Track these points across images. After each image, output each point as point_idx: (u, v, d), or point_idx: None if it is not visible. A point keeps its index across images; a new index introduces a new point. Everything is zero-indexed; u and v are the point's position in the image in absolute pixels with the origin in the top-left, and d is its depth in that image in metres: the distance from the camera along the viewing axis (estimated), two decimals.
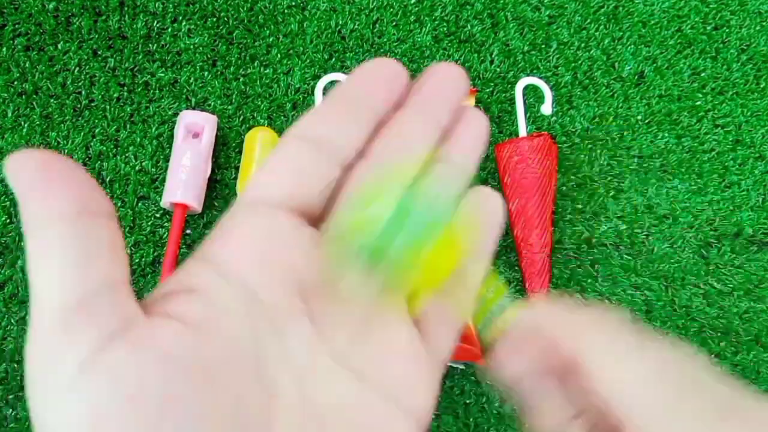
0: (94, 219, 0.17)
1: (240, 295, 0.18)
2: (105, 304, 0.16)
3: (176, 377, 0.16)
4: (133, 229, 0.48)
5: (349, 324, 0.20)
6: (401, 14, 0.53)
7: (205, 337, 0.17)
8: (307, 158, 0.21)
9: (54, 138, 0.49)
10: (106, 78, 0.50)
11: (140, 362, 0.16)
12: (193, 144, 0.47)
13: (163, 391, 0.16)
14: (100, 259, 0.17)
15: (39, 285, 0.16)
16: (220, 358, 0.17)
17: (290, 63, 0.52)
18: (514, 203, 0.48)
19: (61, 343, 0.16)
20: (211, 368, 0.17)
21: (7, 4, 0.51)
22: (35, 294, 0.16)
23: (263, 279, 0.19)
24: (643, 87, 0.53)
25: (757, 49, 0.54)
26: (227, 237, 0.20)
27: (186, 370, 0.16)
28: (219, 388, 0.17)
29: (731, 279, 0.49)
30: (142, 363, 0.16)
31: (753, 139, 0.52)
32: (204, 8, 0.52)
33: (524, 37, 0.53)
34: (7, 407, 0.44)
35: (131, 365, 0.16)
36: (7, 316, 0.46)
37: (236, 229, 0.20)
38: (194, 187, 0.46)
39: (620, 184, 0.51)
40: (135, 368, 0.16)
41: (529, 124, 0.52)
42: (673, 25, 0.54)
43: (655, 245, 0.50)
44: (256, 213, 0.20)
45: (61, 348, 0.16)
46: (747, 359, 0.48)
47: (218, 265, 0.19)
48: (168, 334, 0.17)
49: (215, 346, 0.17)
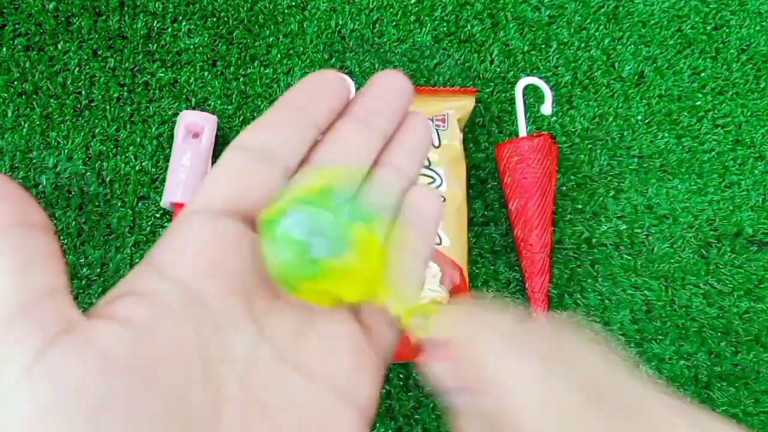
0: (29, 231, 0.17)
1: (183, 297, 0.19)
2: (46, 309, 0.17)
3: (117, 377, 0.16)
4: (133, 229, 0.48)
5: (291, 321, 0.21)
6: (401, 14, 0.53)
7: (147, 338, 0.18)
8: (249, 166, 0.22)
9: (54, 138, 0.49)
10: (106, 78, 0.50)
11: (80, 363, 0.16)
12: (193, 144, 0.47)
13: (104, 390, 0.16)
14: (38, 267, 0.17)
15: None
16: (163, 357, 0.18)
17: (290, 63, 0.52)
18: (514, 203, 0.48)
19: (4, 348, 0.16)
20: (154, 368, 0.17)
21: (7, 4, 0.51)
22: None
23: (207, 281, 0.20)
24: (643, 87, 0.53)
25: (757, 49, 0.54)
26: (172, 242, 0.20)
27: (127, 369, 0.17)
28: (162, 387, 0.17)
29: (731, 279, 0.49)
30: (81, 363, 0.16)
31: (753, 139, 0.52)
32: (204, 8, 0.52)
33: (524, 37, 0.53)
34: None
35: (71, 366, 0.16)
36: None
37: (181, 235, 0.20)
38: (194, 187, 0.46)
39: (620, 184, 0.51)
40: (75, 369, 0.16)
41: (529, 124, 0.52)
42: (673, 25, 0.54)
43: (655, 245, 0.50)
44: (200, 219, 0.21)
45: (4, 353, 0.16)
46: (747, 359, 0.48)
47: (163, 268, 0.19)
48: (108, 335, 0.17)
49: (158, 346, 0.18)
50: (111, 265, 0.47)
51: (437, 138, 0.48)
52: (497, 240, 0.50)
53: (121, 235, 0.48)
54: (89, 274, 0.47)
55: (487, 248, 0.49)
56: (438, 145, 0.47)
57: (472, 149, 0.51)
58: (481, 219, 0.50)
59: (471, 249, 0.49)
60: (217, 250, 0.20)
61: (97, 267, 0.47)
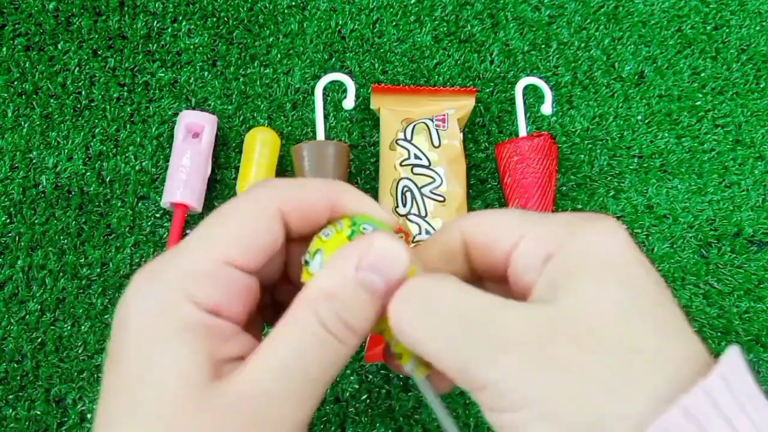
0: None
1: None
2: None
3: None
4: (133, 229, 0.48)
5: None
6: (401, 14, 0.53)
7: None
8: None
9: (54, 138, 0.49)
10: (106, 78, 0.50)
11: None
12: (193, 144, 0.47)
13: None
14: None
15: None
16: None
17: (290, 63, 0.52)
18: (514, 203, 0.48)
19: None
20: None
21: (7, 4, 0.51)
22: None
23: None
24: (643, 87, 0.53)
25: (757, 49, 0.54)
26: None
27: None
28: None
29: (731, 279, 0.49)
30: None
31: (753, 139, 0.52)
32: (204, 8, 0.52)
33: (524, 37, 0.53)
34: (7, 407, 0.44)
35: None
36: (8, 316, 0.46)
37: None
38: (194, 187, 0.46)
39: (620, 184, 0.51)
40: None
41: (529, 124, 0.52)
42: (673, 25, 0.54)
43: (655, 245, 0.50)
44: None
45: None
46: (747, 359, 0.48)
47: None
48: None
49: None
50: (111, 265, 0.47)
51: (437, 138, 0.48)
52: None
53: (121, 235, 0.48)
54: (89, 274, 0.47)
55: None
56: (438, 145, 0.47)
57: (472, 149, 0.51)
58: None
59: None
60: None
61: (97, 267, 0.47)
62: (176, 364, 0.20)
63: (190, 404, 0.19)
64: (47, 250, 0.47)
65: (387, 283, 0.21)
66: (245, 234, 0.22)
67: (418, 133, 0.48)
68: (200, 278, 0.21)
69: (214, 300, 0.21)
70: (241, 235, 0.22)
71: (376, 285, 0.21)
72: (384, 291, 0.22)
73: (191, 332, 0.20)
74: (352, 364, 0.46)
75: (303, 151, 0.47)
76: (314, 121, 0.50)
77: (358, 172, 0.50)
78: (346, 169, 0.48)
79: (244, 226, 0.22)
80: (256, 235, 0.22)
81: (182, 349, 0.20)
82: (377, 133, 0.50)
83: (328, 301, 0.21)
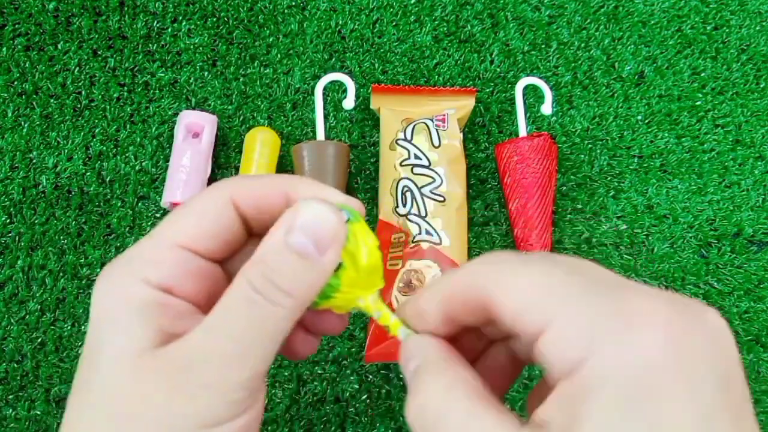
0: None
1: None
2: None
3: None
4: (133, 229, 0.48)
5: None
6: (401, 14, 0.53)
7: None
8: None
9: (54, 138, 0.49)
10: (106, 78, 0.50)
11: None
12: (193, 144, 0.47)
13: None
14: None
15: None
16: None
17: (290, 63, 0.52)
18: (514, 203, 0.48)
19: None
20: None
21: (7, 4, 0.51)
22: None
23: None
24: (643, 87, 0.53)
25: (757, 49, 0.54)
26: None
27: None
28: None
29: (731, 279, 0.49)
30: None
31: (753, 139, 0.52)
32: (204, 8, 0.52)
33: (524, 37, 0.53)
34: (7, 407, 0.44)
35: None
36: (7, 316, 0.46)
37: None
38: (194, 187, 0.46)
39: (620, 184, 0.51)
40: None
41: (529, 124, 0.52)
42: (673, 25, 0.54)
43: (655, 245, 0.50)
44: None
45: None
46: (747, 359, 0.48)
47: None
48: None
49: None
50: None
51: (437, 138, 0.48)
52: (497, 240, 0.50)
53: (121, 235, 0.48)
54: (89, 274, 0.47)
55: (487, 248, 0.49)
56: (438, 145, 0.47)
57: (472, 149, 0.51)
58: (481, 219, 0.50)
59: (471, 249, 0.49)
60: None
61: (97, 267, 0.47)
62: (125, 335, 0.22)
63: (132, 368, 0.21)
64: (47, 250, 0.47)
65: (317, 245, 0.22)
66: (196, 219, 0.24)
67: (418, 133, 0.48)
68: (153, 260, 0.23)
69: (165, 278, 0.23)
70: (192, 220, 0.24)
71: (306, 248, 0.22)
72: (316, 252, 0.22)
73: (141, 307, 0.22)
74: (352, 364, 0.46)
75: (303, 151, 0.47)
76: (314, 121, 0.50)
77: (358, 172, 0.50)
78: (346, 169, 0.48)
79: (195, 212, 0.24)
80: (207, 220, 0.24)
81: (132, 321, 0.22)
82: (377, 133, 0.50)
83: (257, 265, 0.22)
